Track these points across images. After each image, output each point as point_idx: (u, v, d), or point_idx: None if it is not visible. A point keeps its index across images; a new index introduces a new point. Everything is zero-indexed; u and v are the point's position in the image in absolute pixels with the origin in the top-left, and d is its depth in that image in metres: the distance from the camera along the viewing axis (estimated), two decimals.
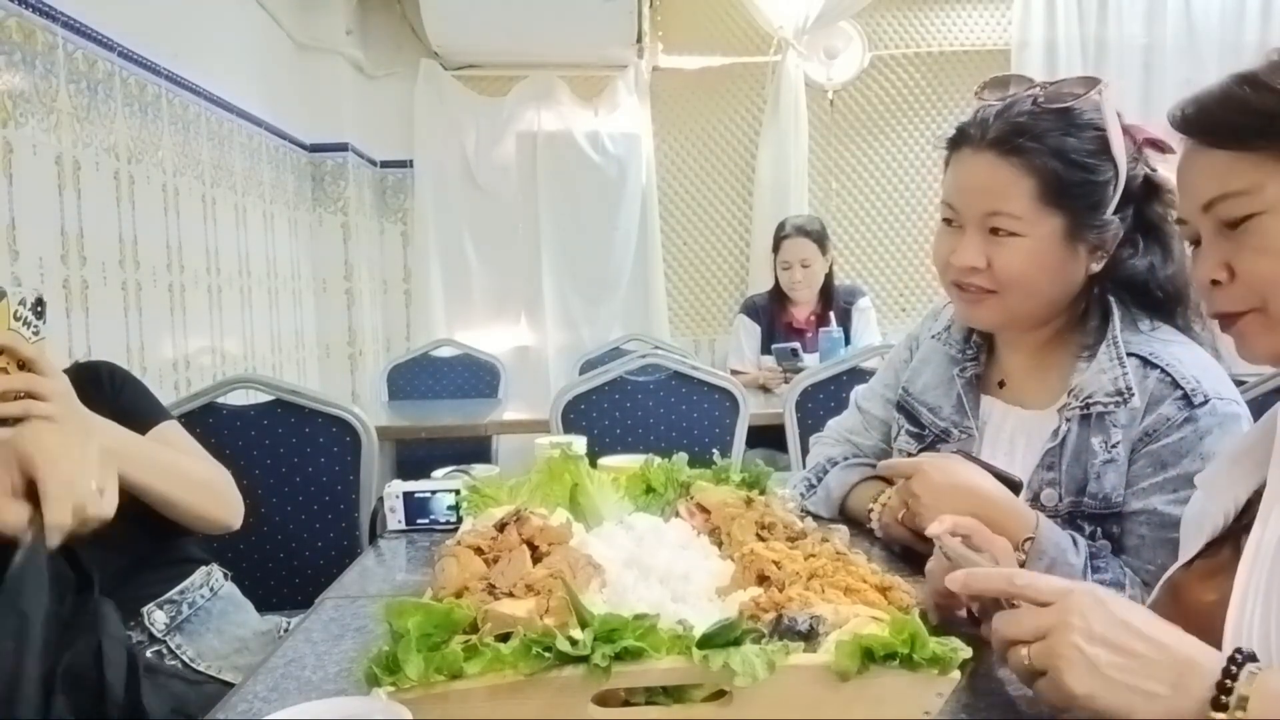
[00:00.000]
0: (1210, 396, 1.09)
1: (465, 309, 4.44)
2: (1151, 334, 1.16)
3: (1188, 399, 1.09)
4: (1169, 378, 1.11)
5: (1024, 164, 1.13)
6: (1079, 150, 1.13)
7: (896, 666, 0.70)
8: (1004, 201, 1.14)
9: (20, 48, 1.86)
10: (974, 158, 1.16)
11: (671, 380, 2.39)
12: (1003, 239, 1.15)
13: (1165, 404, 1.10)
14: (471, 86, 4.44)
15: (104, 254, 2.16)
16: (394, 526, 1.46)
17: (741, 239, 4.58)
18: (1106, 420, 1.12)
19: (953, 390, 1.30)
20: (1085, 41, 4.37)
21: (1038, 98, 1.14)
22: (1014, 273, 1.15)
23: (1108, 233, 1.16)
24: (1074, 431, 1.14)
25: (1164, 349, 1.13)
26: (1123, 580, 1.08)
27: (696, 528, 1.11)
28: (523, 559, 0.88)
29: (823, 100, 4.53)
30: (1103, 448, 1.12)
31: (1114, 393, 1.12)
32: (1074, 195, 1.13)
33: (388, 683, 0.68)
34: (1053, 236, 1.14)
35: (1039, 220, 1.14)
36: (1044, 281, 1.17)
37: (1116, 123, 1.13)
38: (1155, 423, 1.10)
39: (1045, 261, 1.15)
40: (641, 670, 0.70)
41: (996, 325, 1.25)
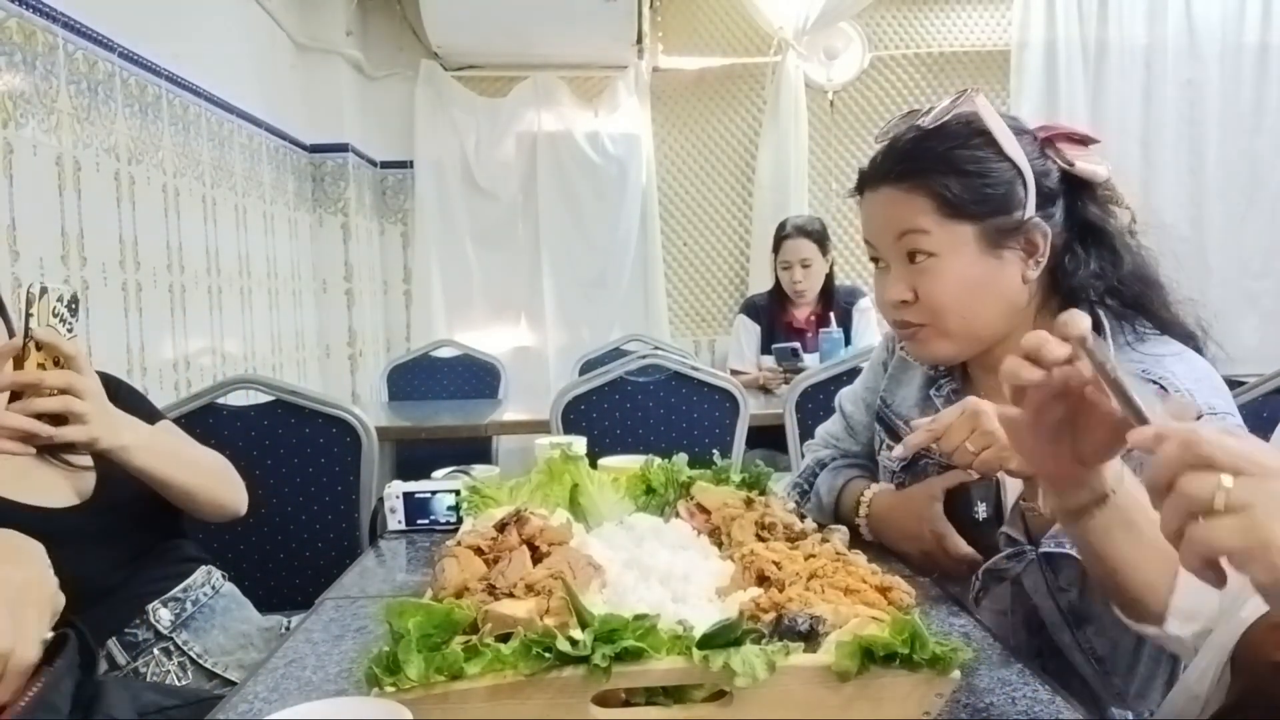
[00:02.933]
0: (1203, 412, 1.06)
1: (465, 309, 4.44)
2: (1142, 348, 1.14)
3: None
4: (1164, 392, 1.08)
5: (916, 185, 1.14)
6: (968, 158, 1.13)
7: (896, 667, 0.71)
8: (909, 222, 1.15)
9: (21, 48, 1.86)
10: (874, 196, 1.20)
11: (671, 381, 2.39)
12: (922, 265, 1.15)
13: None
14: (472, 87, 4.44)
15: (104, 255, 2.16)
16: (394, 527, 1.46)
17: (741, 239, 4.58)
18: None
19: (930, 408, 1.27)
20: (1085, 42, 4.37)
21: (919, 124, 1.16)
22: (939, 297, 1.15)
23: (1033, 233, 1.14)
24: None
25: (1156, 364, 1.11)
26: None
27: (697, 528, 1.11)
28: (523, 559, 0.88)
29: (823, 101, 4.54)
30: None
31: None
32: (975, 202, 1.13)
33: (388, 683, 0.68)
34: (967, 248, 1.14)
35: (949, 235, 1.13)
36: (972, 299, 1.15)
37: (1001, 123, 1.13)
38: None
39: (967, 277, 1.14)
40: (642, 671, 0.70)
41: (948, 357, 1.23)
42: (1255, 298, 4.39)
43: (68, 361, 1.13)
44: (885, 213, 1.18)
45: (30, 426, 1.06)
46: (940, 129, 1.15)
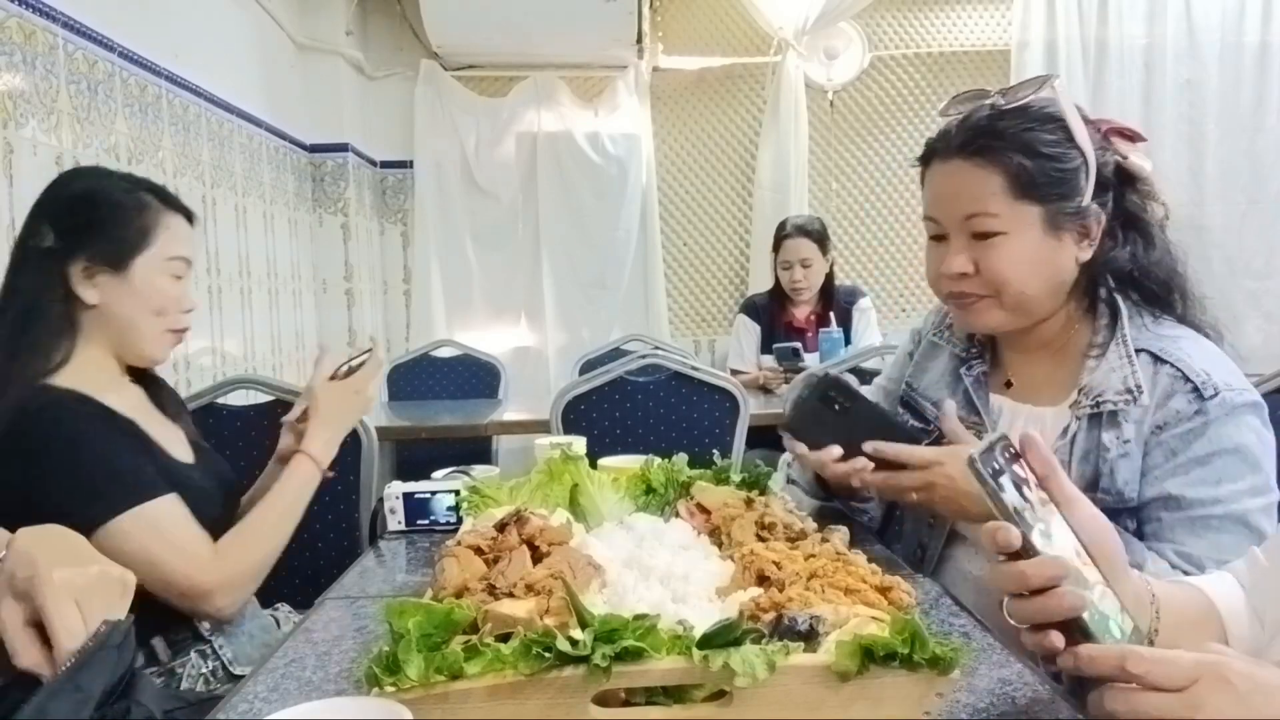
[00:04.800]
0: (1220, 389, 1.11)
1: (465, 309, 4.44)
2: (1158, 329, 1.19)
3: (1198, 391, 1.12)
4: (1179, 372, 1.13)
5: (991, 162, 1.16)
6: (1042, 141, 1.16)
7: (896, 667, 0.71)
8: (979, 202, 1.17)
9: (20, 48, 1.86)
10: (944, 167, 1.21)
11: (672, 380, 2.39)
12: (987, 241, 1.18)
13: (1176, 398, 1.13)
14: (472, 87, 4.44)
15: None
16: (394, 527, 1.46)
17: (741, 239, 4.58)
18: (1118, 417, 1.15)
19: (959, 387, 1.32)
20: (1085, 42, 4.37)
21: (995, 103, 1.19)
22: (1002, 271, 1.18)
23: (1089, 219, 1.18)
24: (1084, 429, 1.17)
25: (1173, 345, 1.16)
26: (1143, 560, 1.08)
27: (697, 528, 1.11)
28: (523, 559, 0.88)
29: (823, 101, 4.53)
30: (1115, 443, 1.14)
31: (1124, 390, 1.15)
32: (1045, 185, 1.16)
33: (388, 683, 0.68)
34: (1033, 229, 1.17)
35: (1016, 215, 1.17)
36: (1033, 275, 1.19)
37: (1075, 112, 1.18)
38: (1166, 416, 1.13)
39: (1030, 255, 1.18)
40: (641, 670, 0.70)
41: (997, 327, 1.25)
42: (1257, 297, 4.39)
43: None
44: (955, 188, 1.20)
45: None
46: (1018, 110, 1.18)
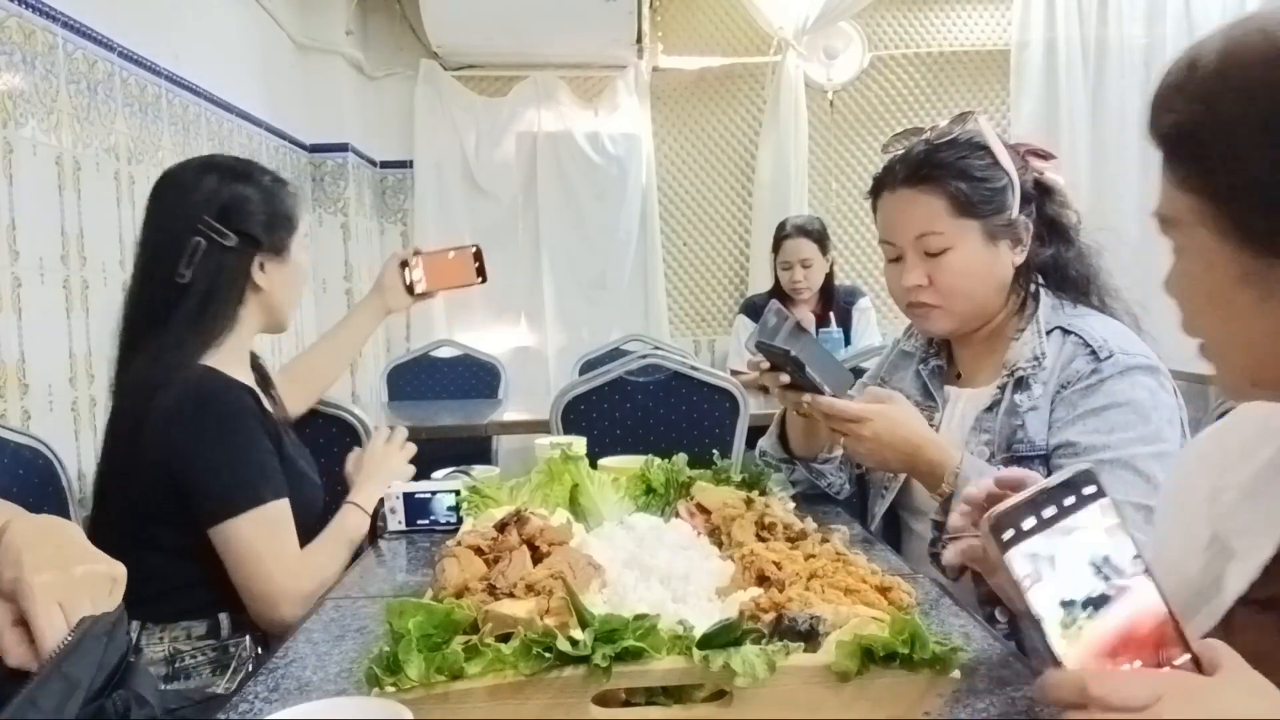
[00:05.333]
0: (1115, 352, 1.30)
1: (465, 309, 4.44)
2: (1073, 312, 1.39)
3: (1094, 354, 1.31)
4: (1081, 339, 1.33)
5: (933, 189, 1.35)
6: (974, 167, 1.35)
7: (896, 667, 0.71)
8: (927, 223, 1.36)
9: (20, 48, 1.86)
10: (892, 197, 1.41)
11: (671, 381, 2.39)
12: (937, 258, 1.37)
13: (1077, 360, 1.32)
14: (471, 87, 4.44)
15: (104, 254, 2.16)
16: (394, 527, 1.46)
17: (741, 239, 4.58)
18: (1028, 379, 1.34)
19: (919, 381, 1.52)
20: (1085, 42, 4.37)
21: (930, 139, 1.38)
22: (953, 281, 1.38)
23: (1019, 228, 1.38)
24: (1005, 397, 1.36)
25: (1081, 321, 1.36)
26: None
27: (697, 528, 1.11)
28: (523, 559, 0.88)
29: (823, 101, 4.53)
30: (1026, 400, 1.34)
31: (1032, 358, 1.35)
32: (980, 203, 1.35)
33: (389, 683, 0.68)
34: (975, 242, 1.36)
35: (959, 231, 1.35)
36: (978, 282, 1.38)
37: (997, 139, 1.36)
38: (1068, 375, 1.32)
39: (974, 266, 1.37)
40: (642, 670, 0.70)
41: (951, 331, 1.45)
42: None
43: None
44: (904, 212, 1.39)
45: None
46: (949, 142, 1.37)
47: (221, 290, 1.47)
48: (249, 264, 1.50)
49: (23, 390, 1.82)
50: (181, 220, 1.47)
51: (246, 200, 1.50)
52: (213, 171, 1.52)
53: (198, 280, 1.45)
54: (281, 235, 1.54)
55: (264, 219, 1.51)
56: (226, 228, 1.47)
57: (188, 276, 1.44)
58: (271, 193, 1.54)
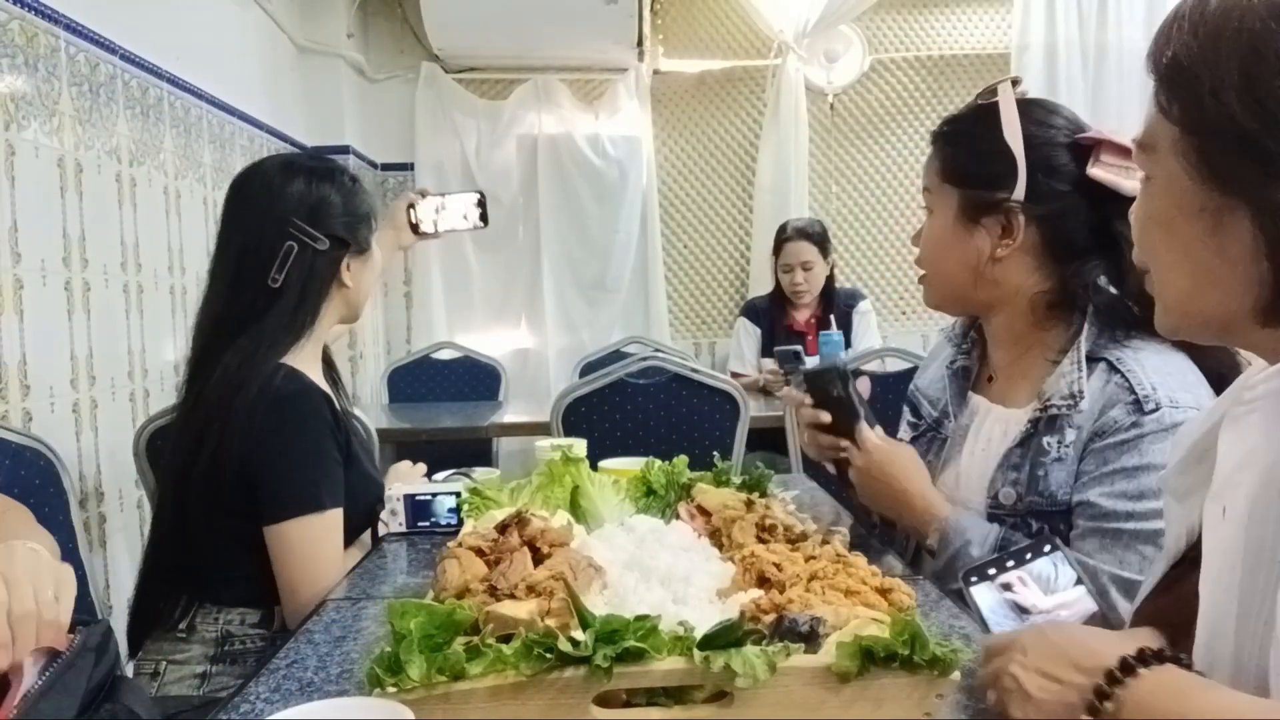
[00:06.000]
0: (1161, 404, 1.11)
1: (466, 311, 4.44)
2: (1127, 341, 1.18)
3: (1139, 404, 1.12)
4: (1127, 383, 1.14)
5: (938, 147, 1.31)
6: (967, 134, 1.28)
7: (897, 668, 0.71)
8: (924, 177, 1.32)
9: (23, 50, 1.86)
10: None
11: (672, 383, 2.40)
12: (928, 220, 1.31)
13: (1117, 408, 1.14)
14: (472, 89, 4.45)
15: (106, 256, 2.16)
16: (395, 529, 1.46)
17: (742, 242, 4.58)
18: (1061, 421, 1.17)
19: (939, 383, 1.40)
20: (1085, 45, 4.37)
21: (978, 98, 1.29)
22: (925, 247, 1.32)
23: (1012, 217, 1.22)
24: (1036, 433, 1.20)
25: (1132, 356, 1.16)
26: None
27: (697, 530, 1.11)
28: (524, 560, 0.88)
29: (823, 104, 4.54)
30: (1054, 447, 1.17)
31: (1068, 395, 1.17)
32: (967, 173, 1.25)
33: (390, 683, 0.69)
34: (949, 212, 1.27)
35: (941, 196, 1.28)
36: (942, 257, 1.29)
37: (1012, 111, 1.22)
38: (1105, 424, 1.14)
39: (944, 236, 1.28)
40: (642, 671, 0.70)
41: (935, 305, 1.36)
42: None
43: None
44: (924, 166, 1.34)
45: None
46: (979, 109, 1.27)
47: (314, 292, 1.52)
48: (339, 264, 1.55)
49: (24, 391, 1.82)
50: (272, 224, 1.49)
51: (333, 202, 1.54)
52: (299, 174, 1.54)
53: (291, 283, 1.49)
54: (365, 234, 1.59)
55: (349, 220, 1.56)
56: (317, 231, 1.50)
57: (280, 281, 1.48)
58: (353, 192, 1.58)
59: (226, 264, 1.52)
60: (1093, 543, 1.12)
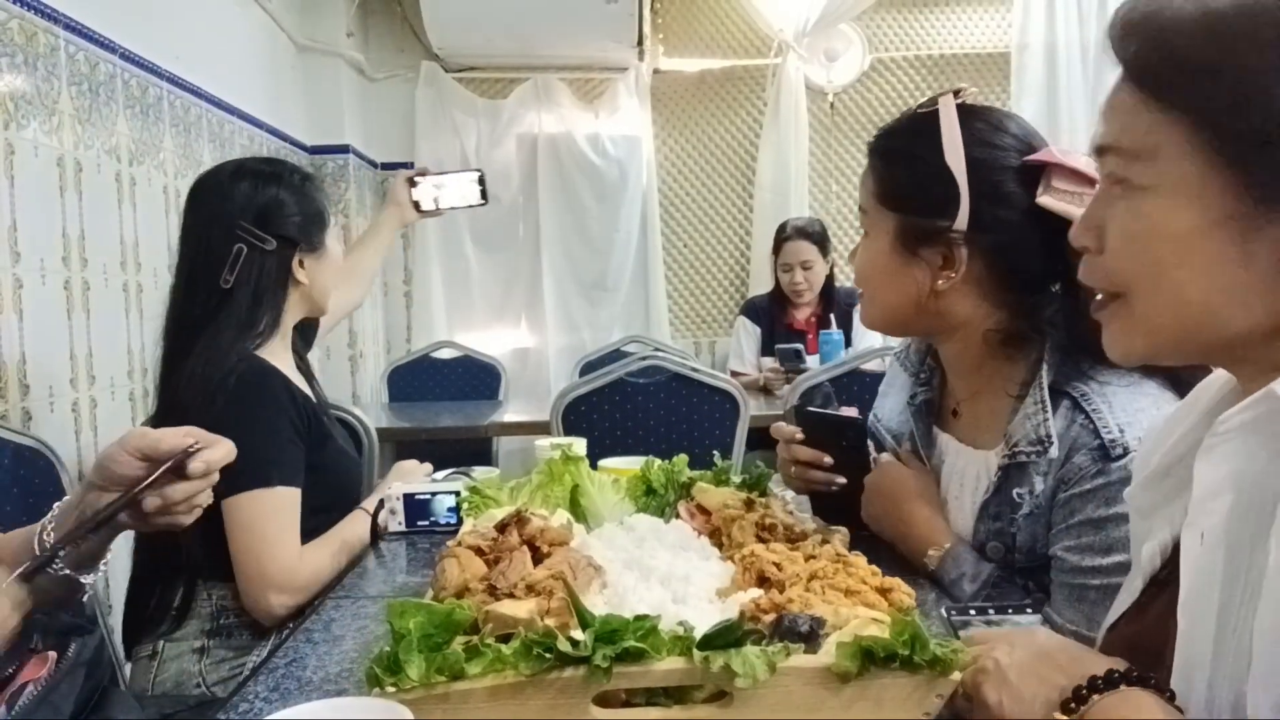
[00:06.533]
0: (1130, 448, 1.01)
1: (466, 311, 4.44)
2: (1091, 373, 1.08)
3: (1104, 450, 1.03)
4: (1091, 424, 1.04)
5: (875, 162, 1.19)
6: (905, 154, 1.16)
7: (896, 668, 0.71)
8: (860, 195, 1.21)
9: (22, 50, 1.86)
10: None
11: (672, 382, 2.39)
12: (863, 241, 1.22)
13: (1080, 453, 1.04)
14: (472, 89, 4.44)
15: (105, 256, 2.16)
16: (395, 528, 1.46)
17: (742, 241, 4.58)
18: (1029, 469, 1.08)
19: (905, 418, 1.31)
20: (1085, 44, 4.37)
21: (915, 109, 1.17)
22: (859, 269, 1.22)
23: (954, 248, 1.10)
24: (1007, 481, 1.11)
25: (1098, 392, 1.06)
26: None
27: (697, 529, 1.11)
28: (523, 560, 0.88)
29: (823, 103, 4.54)
30: (1024, 499, 1.09)
31: (1035, 441, 1.07)
32: (907, 197, 1.14)
33: (389, 683, 0.68)
34: (885, 237, 1.16)
35: (878, 219, 1.17)
36: (877, 283, 1.19)
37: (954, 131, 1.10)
38: (1069, 472, 1.05)
39: (877, 262, 1.17)
40: (642, 671, 0.70)
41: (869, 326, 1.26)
42: None
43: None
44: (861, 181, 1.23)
45: None
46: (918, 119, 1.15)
47: (266, 291, 1.54)
48: (289, 263, 1.57)
49: (23, 391, 1.82)
50: (220, 228, 1.53)
51: (281, 203, 1.57)
52: (245, 177, 1.57)
53: (241, 284, 1.52)
54: (316, 232, 1.61)
55: (299, 219, 1.58)
56: (265, 232, 1.53)
57: (231, 281, 1.51)
58: (303, 192, 1.60)
59: (182, 268, 1.57)
60: (1060, 598, 1.06)
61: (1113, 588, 0.95)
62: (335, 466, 1.57)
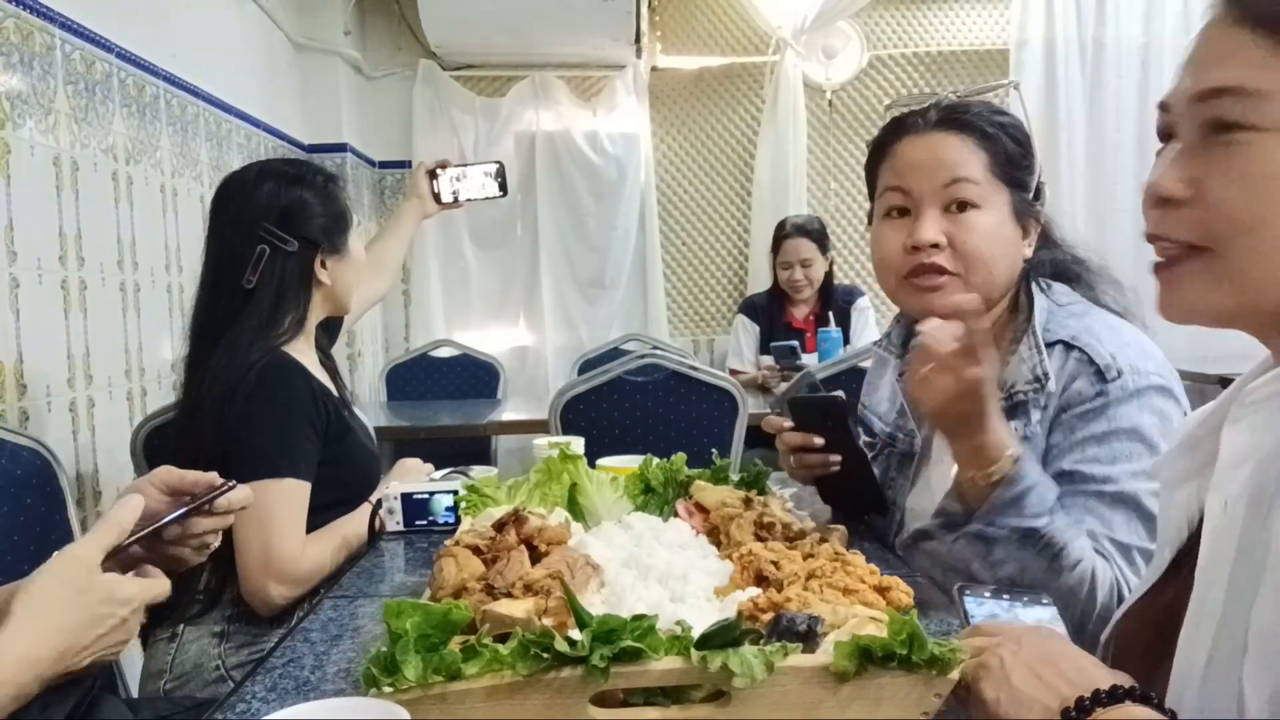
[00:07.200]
0: (1124, 371, 1.12)
1: (464, 309, 4.44)
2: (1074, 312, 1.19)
3: (1101, 374, 1.12)
4: (1086, 356, 1.14)
5: (974, 137, 1.20)
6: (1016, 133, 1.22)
7: (894, 667, 0.71)
8: (962, 169, 1.18)
9: (18, 49, 1.86)
10: (922, 139, 1.22)
11: (670, 380, 2.39)
12: (961, 215, 1.18)
13: (1080, 380, 1.13)
14: (470, 87, 4.44)
15: (102, 255, 2.16)
16: (392, 528, 1.46)
17: (740, 239, 4.58)
18: (1027, 405, 1.15)
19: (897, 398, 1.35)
20: (1084, 41, 4.37)
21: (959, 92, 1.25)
22: (977, 244, 1.18)
23: (1040, 217, 1.24)
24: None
25: (1085, 331, 1.16)
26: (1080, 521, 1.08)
27: (695, 528, 1.11)
28: (521, 559, 0.88)
29: (821, 100, 4.53)
30: (1021, 427, 1.15)
31: (1032, 379, 1.16)
32: (1013, 171, 1.20)
33: (386, 683, 0.68)
34: (1003, 210, 1.20)
35: (993, 191, 1.19)
36: (999, 256, 1.20)
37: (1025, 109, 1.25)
38: (1069, 398, 1.14)
39: (1000, 235, 1.19)
40: (640, 671, 0.70)
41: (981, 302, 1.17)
42: None
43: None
44: (935, 156, 1.20)
45: None
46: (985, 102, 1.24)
47: (288, 292, 1.57)
48: (311, 264, 1.59)
49: (20, 391, 1.81)
50: (244, 229, 1.55)
51: (305, 205, 1.59)
52: (269, 178, 1.59)
53: (264, 285, 1.55)
54: (338, 233, 1.63)
55: (321, 221, 1.60)
56: (288, 233, 1.56)
57: (254, 282, 1.54)
58: (326, 194, 1.63)
59: (208, 268, 1.59)
60: (1079, 509, 1.09)
61: (1124, 495, 1.09)
62: (354, 460, 1.59)
